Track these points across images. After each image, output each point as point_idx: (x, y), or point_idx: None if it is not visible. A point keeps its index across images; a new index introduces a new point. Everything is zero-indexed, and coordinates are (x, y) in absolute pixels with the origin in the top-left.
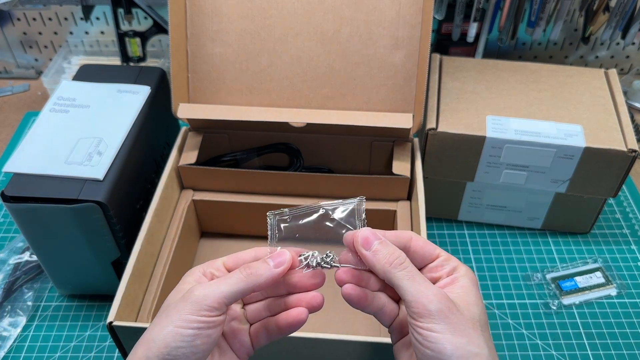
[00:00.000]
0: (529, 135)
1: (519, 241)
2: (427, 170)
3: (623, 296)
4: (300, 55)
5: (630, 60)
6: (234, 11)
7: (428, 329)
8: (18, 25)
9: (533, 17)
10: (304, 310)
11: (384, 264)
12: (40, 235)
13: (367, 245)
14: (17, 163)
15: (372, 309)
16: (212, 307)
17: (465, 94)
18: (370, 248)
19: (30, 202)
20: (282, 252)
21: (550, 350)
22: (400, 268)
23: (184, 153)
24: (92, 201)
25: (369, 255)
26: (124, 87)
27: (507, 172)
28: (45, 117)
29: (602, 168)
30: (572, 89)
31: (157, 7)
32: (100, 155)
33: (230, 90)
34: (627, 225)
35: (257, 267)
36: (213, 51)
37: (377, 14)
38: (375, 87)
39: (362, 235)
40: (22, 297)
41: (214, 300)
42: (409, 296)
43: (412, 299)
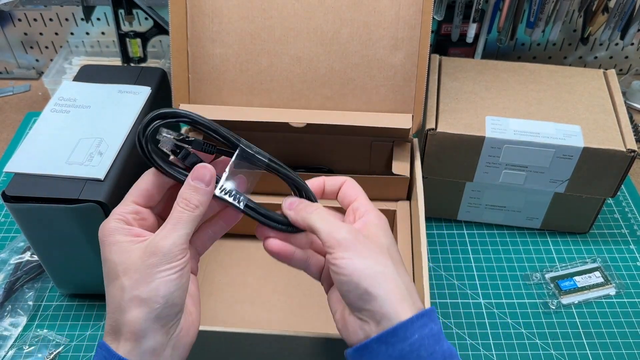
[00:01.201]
0: (528, 135)
1: (518, 241)
2: (427, 171)
3: (622, 296)
4: (300, 56)
5: (629, 60)
6: (235, 12)
7: (340, 257)
8: (19, 25)
9: (532, 17)
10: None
11: (302, 213)
12: (41, 235)
13: (291, 206)
14: (18, 163)
15: (298, 262)
16: (182, 249)
17: (465, 95)
18: (292, 208)
19: (31, 202)
20: (201, 167)
21: (550, 349)
22: (316, 213)
23: None
24: (92, 201)
25: (292, 213)
26: (125, 88)
27: (506, 172)
28: (46, 118)
29: (601, 168)
30: (571, 89)
31: (158, 8)
32: (101, 155)
33: (231, 90)
34: (626, 225)
35: (191, 195)
36: (213, 52)
37: (377, 15)
38: (374, 87)
39: (288, 200)
40: (23, 296)
41: (181, 244)
42: (323, 234)
43: (325, 236)
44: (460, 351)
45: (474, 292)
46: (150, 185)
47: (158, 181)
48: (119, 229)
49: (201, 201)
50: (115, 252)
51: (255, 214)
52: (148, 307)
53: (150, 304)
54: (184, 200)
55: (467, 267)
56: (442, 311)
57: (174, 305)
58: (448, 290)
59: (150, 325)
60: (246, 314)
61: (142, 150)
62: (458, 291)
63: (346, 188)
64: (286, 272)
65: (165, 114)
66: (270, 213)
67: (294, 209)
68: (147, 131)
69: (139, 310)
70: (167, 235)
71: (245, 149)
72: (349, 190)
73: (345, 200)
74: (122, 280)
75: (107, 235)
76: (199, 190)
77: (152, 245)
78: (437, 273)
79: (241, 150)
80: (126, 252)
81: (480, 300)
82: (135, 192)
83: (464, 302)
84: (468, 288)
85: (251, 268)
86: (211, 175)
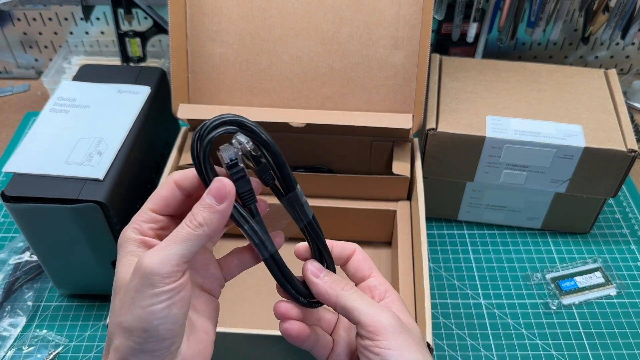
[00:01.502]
0: (529, 135)
1: (519, 241)
2: (427, 171)
3: (623, 296)
4: (300, 56)
5: (629, 60)
6: (234, 11)
7: (385, 347)
8: (18, 25)
9: (533, 17)
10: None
11: (335, 287)
12: (40, 235)
13: (317, 275)
14: (18, 163)
15: (310, 343)
16: (172, 272)
17: (465, 94)
18: (320, 277)
19: (31, 202)
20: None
21: (550, 350)
22: (353, 291)
23: (184, 153)
24: (92, 201)
25: (320, 283)
26: (124, 88)
27: (507, 172)
28: (46, 117)
29: (602, 168)
30: (571, 89)
31: (157, 7)
32: (100, 155)
33: (230, 90)
34: (627, 225)
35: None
36: (213, 51)
37: (377, 14)
38: (375, 87)
39: (312, 266)
40: (22, 297)
41: (172, 265)
42: (364, 316)
43: (367, 319)
44: (460, 352)
45: (475, 293)
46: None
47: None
48: (132, 239)
49: (207, 220)
50: (122, 264)
51: (277, 272)
52: (130, 338)
53: (131, 335)
54: (190, 215)
55: (468, 267)
56: (443, 311)
57: (161, 339)
58: (448, 290)
59: (136, 356)
60: (246, 314)
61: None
62: (458, 291)
63: (359, 260)
64: None
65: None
66: (294, 278)
67: (323, 280)
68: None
69: (123, 339)
70: (154, 253)
71: (298, 197)
72: (362, 264)
73: (358, 274)
74: (115, 300)
75: (121, 244)
76: (209, 208)
77: (139, 262)
78: (437, 273)
79: (293, 196)
80: (130, 265)
81: (480, 300)
82: (154, 198)
83: (464, 303)
84: (468, 288)
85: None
86: (227, 194)
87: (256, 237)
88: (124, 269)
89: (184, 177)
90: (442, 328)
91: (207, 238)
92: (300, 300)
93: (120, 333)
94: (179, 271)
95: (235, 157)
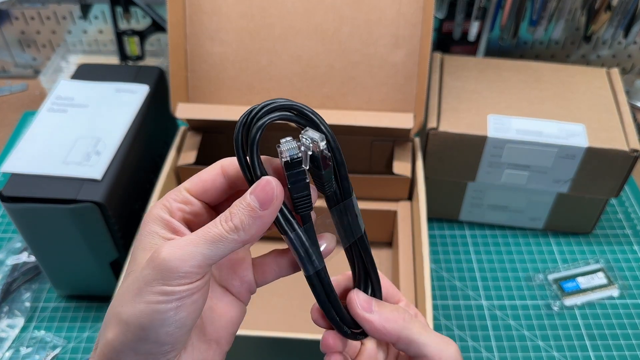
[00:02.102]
0: (531, 134)
1: (521, 242)
2: (428, 170)
3: (625, 297)
4: (300, 54)
5: (632, 59)
6: (233, 10)
7: None
8: (16, 24)
9: (534, 16)
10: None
11: (398, 320)
12: (38, 235)
13: (369, 308)
14: (15, 163)
15: None
16: (191, 272)
17: (467, 93)
18: (372, 310)
19: (28, 203)
20: (266, 182)
21: (552, 351)
22: (413, 322)
23: (183, 153)
24: (90, 201)
25: (375, 319)
26: (123, 87)
27: (509, 172)
28: (43, 117)
29: (604, 168)
30: (573, 88)
31: (156, 6)
32: (98, 155)
33: (230, 89)
34: (629, 225)
35: (237, 211)
36: (212, 50)
37: (378, 12)
38: (375, 86)
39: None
40: (20, 298)
41: (194, 265)
42: (430, 349)
43: (433, 352)
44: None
45: (476, 294)
46: (217, 175)
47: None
48: (157, 219)
49: (245, 225)
50: (142, 245)
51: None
52: (125, 334)
53: (127, 331)
54: (226, 213)
55: (469, 268)
56: (444, 312)
57: (160, 343)
58: (450, 291)
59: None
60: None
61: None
62: (460, 292)
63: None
64: None
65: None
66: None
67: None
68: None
69: (117, 332)
70: (176, 245)
71: (353, 205)
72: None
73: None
74: (122, 285)
75: (146, 222)
76: (250, 211)
77: (157, 251)
78: (438, 274)
79: (348, 204)
80: (147, 249)
81: (482, 301)
82: (194, 179)
83: (465, 304)
84: (470, 289)
85: None
86: (274, 199)
87: (302, 249)
88: (142, 252)
89: (233, 163)
90: (443, 329)
91: (241, 244)
92: (344, 331)
93: (116, 325)
94: (199, 273)
95: (298, 154)
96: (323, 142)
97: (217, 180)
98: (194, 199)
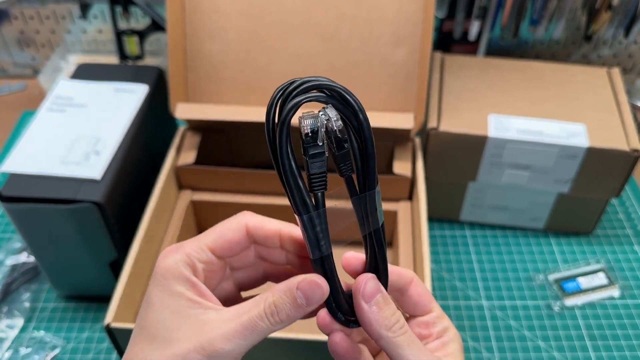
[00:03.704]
0: (532, 134)
1: (521, 242)
2: (429, 170)
3: (626, 297)
4: (299, 53)
5: (633, 59)
6: (233, 8)
7: None
8: (15, 23)
9: (535, 15)
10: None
11: (384, 325)
12: (37, 235)
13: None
14: (14, 163)
15: None
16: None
17: (467, 93)
18: (371, 301)
19: (27, 203)
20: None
21: (552, 351)
22: (401, 332)
23: (182, 153)
24: (89, 201)
25: (368, 311)
26: (122, 86)
27: (510, 172)
28: (42, 117)
29: (605, 168)
30: (574, 87)
31: (155, 5)
32: (97, 155)
33: (229, 88)
34: (630, 225)
35: (284, 305)
36: (211, 49)
37: (378, 11)
38: (376, 85)
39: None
40: (19, 298)
41: (239, 354)
42: None
43: None
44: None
45: (476, 294)
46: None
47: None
48: (181, 278)
49: (290, 318)
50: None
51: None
52: None
53: None
54: (271, 306)
55: (470, 268)
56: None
57: None
58: (450, 291)
59: None
60: None
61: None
62: (460, 292)
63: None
64: None
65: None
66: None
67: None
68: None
69: None
70: (230, 338)
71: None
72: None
73: (417, 309)
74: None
75: (165, 277)
76: (296, 306)
77: (207, 342)
78: (439, 274)
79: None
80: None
81: (482, 301)
82: (218, 239)
83: (466, 304)
84: (470, 289)
85: None
86: (321, 298)
87: (312, 232)
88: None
89: (259, 226)
90: None
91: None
92: (338, 317)
93: None
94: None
95: (316, 128)
96: (339, 122)
97: (242, 241)
98: (216, 258)
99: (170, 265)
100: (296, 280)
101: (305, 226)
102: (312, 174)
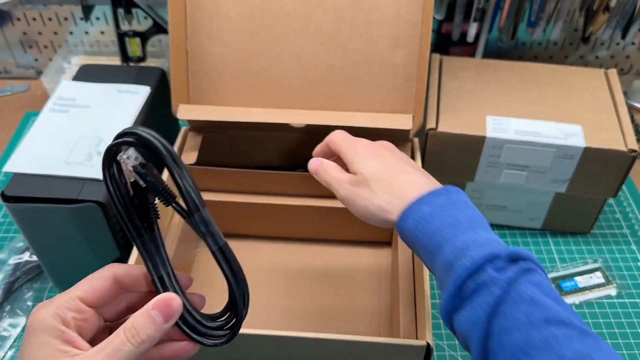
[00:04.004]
0: (529, 135)
1: (519, 241)
2: (427, 170)
3: (623, 296)
4: (300, 55)
5: (630, 60)
6: (234, 10)
7: None
8: (18, 25)
9: (533, 17)
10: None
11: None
12: (40, 235)
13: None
14: (17, 163)
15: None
16: None
17: (466, 94)
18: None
19: (30, 202)
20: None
21: None
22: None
23: (184, 153)
24: (92, 201)
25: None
26: (124, 87)
27: (507, 172)
28: (45, 117)
29: (602, 168)
30: (572, 89)
31: (157, 7)
32: (100, 155)
33: (230, 89)
34: (627, 225)
35: (143, 326)
36: (213, 51)
37: (378, 13)
38: (375, 86)
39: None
40: (22, 297)
41: None
42: None
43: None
44: (460, 352)
45: None
46: (110, 285)
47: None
48: (50, 328)
49: (152, 338)
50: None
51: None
52: None
53: None
54: (131, 329)
55: None
56: None
57: None
58: None
59: None
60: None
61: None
62: None
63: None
64: (286, 274)
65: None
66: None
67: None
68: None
69: None
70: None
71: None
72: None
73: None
74: None
75: (34, 328)
76: (156, 326)
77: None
78: None
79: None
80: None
81: None
82: (87, 289)
83: None
84: None
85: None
86: (176, 311)
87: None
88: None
89: (127, 274)
90: (442, 328)
91: (142, 352)
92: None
93: None
94: None
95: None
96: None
97: (112, 289)
98: (87, 307)
99: (40, 317)
100: (151, 302)
101: (140, 250)
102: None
